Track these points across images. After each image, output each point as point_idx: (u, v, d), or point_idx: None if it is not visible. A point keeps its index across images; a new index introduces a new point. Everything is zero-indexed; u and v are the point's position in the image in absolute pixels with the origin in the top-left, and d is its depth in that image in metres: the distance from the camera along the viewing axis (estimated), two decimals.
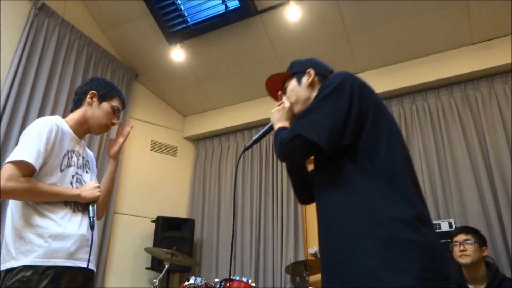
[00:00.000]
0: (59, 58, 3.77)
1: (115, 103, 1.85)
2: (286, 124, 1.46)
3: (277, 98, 1.65)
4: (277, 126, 1.46)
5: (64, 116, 1.84)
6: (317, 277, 3.81)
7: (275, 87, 1.63)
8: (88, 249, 1.64)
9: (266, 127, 1.59)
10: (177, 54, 4.30)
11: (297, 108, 1.51)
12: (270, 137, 4.61)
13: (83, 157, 1.82)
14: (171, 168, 4.92)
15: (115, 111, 1.85)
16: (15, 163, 1.54)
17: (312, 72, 1.53)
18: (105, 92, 1.84)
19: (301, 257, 3.89)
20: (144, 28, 4.27)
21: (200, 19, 4.01)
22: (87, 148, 1.95)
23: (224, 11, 3.89)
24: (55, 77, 3.69)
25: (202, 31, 4.10)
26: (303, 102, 1.50)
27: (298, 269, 3.55)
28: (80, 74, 3.98)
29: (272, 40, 4.11)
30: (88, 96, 1.82)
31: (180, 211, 4.76)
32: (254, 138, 1.60)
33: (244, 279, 3.08)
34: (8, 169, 1.52)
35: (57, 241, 1.56)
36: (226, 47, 4.27)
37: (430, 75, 3.83)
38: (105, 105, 1.82)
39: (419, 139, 3.78)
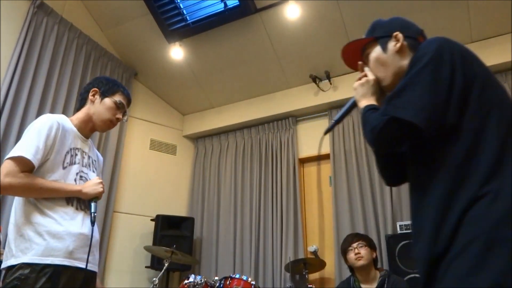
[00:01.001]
0: (58, 56, 3.77)
1: (118, 98, 1.83)
2: (372, 100, 1.26)
3: (357, 68, 1.39)
4: (362, 103, 1.26)
5: (64, 114, 1.84)
6: (316, 275, 3.82)
7: (354, 55, 1.38)
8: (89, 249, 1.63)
9: (348, 104, 1.37)
10: (176, 52, 4.30)
11: (386, 81, 1.28)
12: (270, 135, 4.61)
13: (89, 156, 1.82)
14: (170, 166, 4.92)
15: (118, 106, 1.83)
16: (14, 159, 1.55)
17: (399, 35, 1.26)
18: (107, 88, 1.83)
19: (301, 255, 3.90)
20: (143, 26, 4.26)
21: (199, 18, 4.00)
22: (95, 149, 1.95)
23: (223, 9, 3.88)
24: (54, 75, 3.68)
25: (201, 29, 4.09)
26: (391, 73, 1.26)
27: (297, 267, 3.55)
28: (79, 73, 3.97)
29: (271, 38, 4.11)
30: (90, 94, 1.83)
31: (179, 210, 4.76)
32: (335, 117, 1.38)
33: (244, 277, 3.08)
34: (7, 165, 1.54)
35: (56, 240, 1.55)
36: (225, 46, 4.26)
37: None
38: (108, 101, 1.81)
39: None
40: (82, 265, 1.60)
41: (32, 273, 1.48)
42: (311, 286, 3.29)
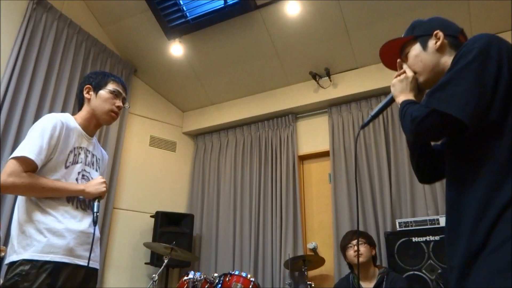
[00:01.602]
0: (57, 53, 3.76)
1: (111, 87, 1.83)
2: (410, 96, 1.28)
3: (393, 68, 1.43)
4: (400, 99, 1.28)
5: (63, 111, 1.85)
6: (316, 272, 3.83)
7: (391, 54, 1.41)
8: (89, 246, 1.65)
9: (386, 99, 1.38)
10: (176, 49, 4.29)
11: (424, 77, 1.30)
12: (270, 132, 4.61)
13: (93, 155, 1.83)
14: (170, 163, 4.92)
15: (115, 94, 1.83)
16: (17, 159, 1.57)
17: (440, 34, 1.28)
18: (97, 81, 1.84)
19: (300, 252, 3.91)
20: (143, 23, 4.25)
21: (199, 14, 3.99)
22: (100, 147, 1.96)
23: (223, 5, 3.87)
24: (53, 72, 3.68)
25: (201, 26, 4.08)
26: (431, 70, 1.28)
27: (297, 264, 3.57)
28: (79, 69, 3.96)
29: (271, 35, 4.10)
30: (85, 92, 1.84)
31: (179, 206, 4.76)
32: (372, 112, 1.41)
33: (243, 274, 3.09)
34: (10, 165, 1.56)
35: (56, 237, 1.57)
36: (225, 42, 4.25)
37: None
38: (102, 93, 1.82)
39: None
40: (82, 262, 1.61)
41: (33, 269, 1.50)
42: (310, 283, 3.30)
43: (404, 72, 1.34)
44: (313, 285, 3.28)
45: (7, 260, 1.56)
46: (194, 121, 5.12)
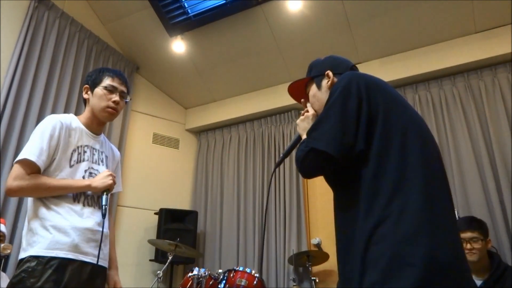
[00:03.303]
0: (59, 51, 3.76)
1: (106, 83, 1.82)
2: None
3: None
4: (304, 136, 1.38)
5: (66, 108, 1.86)
6: (319, 267, 3.83)
7: (299, 93, 1.55)
8: (95, 243, 1.66)
9: (294, 138, 1.52)
10: (178, 46, 4.29)
11: None
12: (273, 128, 4.60)
13: (101, 152, 1.85)
14: (173, 160, 4.93)
15: (110, 90, 1.81)
16: (20, 162, 1.61)
17: (330, 73, 1.43)
18: (93, 79, 1.85)
19: (304, 248, 3.91)
20: (145, 20, 4.24)
21: (201, 10, 3.98)
22: (111, 145, 1.98)
23: (224, 1, 3.86)
24: (56, 70, 3.68)
25: (202, 22, 4.07)
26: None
27: (301, 260, 3.57)
28: (81, 67, 3.97)
29: (273, 31, 4.09)
30: (84, 93, 1.86)
31: (183, 203, 4.78)
32: (284, 151, 1.54)
33: (248, 270, 3.10)
34: (15, 169, 1.61)
35: (61, 233, 1.59)
36: (227, 39, 4.24)
37: (433, 65, 3.79)
38: (97, 90, 1.82)
39: None
40: (87, 259, 1.63)
41: (39, 266, 1.52)
42: (314, 278, 3.31)
43: (307, 110, 1.46)
44: (317, 281, 3.28)
45: (18, 258, 1.59)
46: (197, 118, 5.12)
